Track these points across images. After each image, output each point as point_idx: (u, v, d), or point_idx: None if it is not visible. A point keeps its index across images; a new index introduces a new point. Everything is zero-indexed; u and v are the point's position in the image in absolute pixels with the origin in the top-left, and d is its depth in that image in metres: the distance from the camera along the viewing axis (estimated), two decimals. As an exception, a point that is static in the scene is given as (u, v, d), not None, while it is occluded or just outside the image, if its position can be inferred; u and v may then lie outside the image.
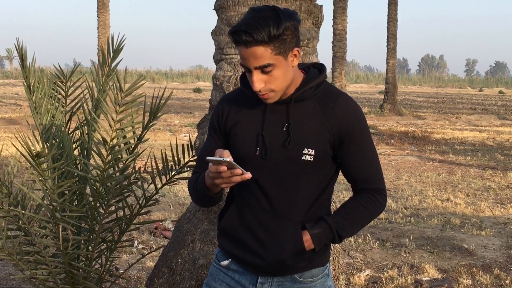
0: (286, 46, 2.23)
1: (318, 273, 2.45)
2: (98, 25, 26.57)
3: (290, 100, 2.33)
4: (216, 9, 4.01)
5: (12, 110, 24.50)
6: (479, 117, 27.03)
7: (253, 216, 2.38)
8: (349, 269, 6.04)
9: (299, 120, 2.32)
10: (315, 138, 2.31)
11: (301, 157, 2.30)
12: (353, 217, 2.39)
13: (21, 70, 3.88)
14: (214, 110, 2.50)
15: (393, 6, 27.25)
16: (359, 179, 2.41)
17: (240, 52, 2.22)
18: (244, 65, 2.24)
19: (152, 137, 16.03)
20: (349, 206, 2.42)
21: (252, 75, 2.23)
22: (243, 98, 2.42)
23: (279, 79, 2.24)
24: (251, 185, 2.35)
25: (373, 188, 2.41)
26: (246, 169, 2.18)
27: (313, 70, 2.41)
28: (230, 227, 2.44)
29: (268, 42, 2.17)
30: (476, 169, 12.58)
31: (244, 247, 2.40)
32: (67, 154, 3.70)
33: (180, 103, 32.37)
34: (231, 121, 2.42)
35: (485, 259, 6.45)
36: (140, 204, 3.84)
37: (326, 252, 2.47)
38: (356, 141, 2.35)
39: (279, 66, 2.23)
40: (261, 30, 2.16)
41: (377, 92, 49.58)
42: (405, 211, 8.69)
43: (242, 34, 2.17)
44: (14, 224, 3.72)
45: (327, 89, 2.39)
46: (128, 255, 6.31)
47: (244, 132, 2.38)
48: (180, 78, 76.47)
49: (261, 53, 2.18)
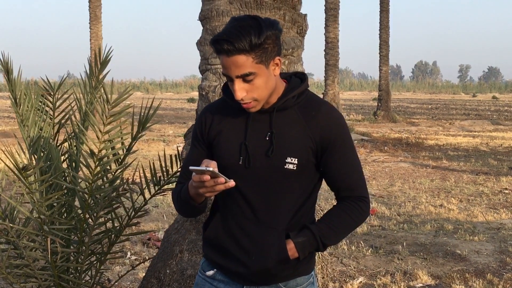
0: (268, 55, 2.24)
1: (303, 281, 2.46)
2: (91, 36, 26.59)
3: (272, 109, 2.34)
4: (200, 20, 4.03)
5: (5, 123, 24.45)
6: (472, 122, 27.09)
7: (237, 224, 2.39)
8: (342, 277, 6.03)
9: (281, 129, 2.33)
10: (298, 147, 2.32)
11: (284, 166, 2.31)
12: (337, 225, 2.39)
13: (6, 83, 3.88)
14: (197, 120, 2.52)
15: (384, 13, 27.34)
16: (342, 187, 2.42)
17: (222, 61, 2.23)
18: (226, 74, 2.25)
19: (145, 147, 16.02)
20: (333, 214, 2.42)
21: (234, 84, 2.24)
22: (226, 108, 2.42)
23: (261, 87, 2.25)
24: (234, 194, 2.36)
25: (357, 195, 2.42)
26: (229, 178, 2.18)
27: (295, 79, 2.42)
28: (215, 236, 2.44)
29: (249, 50, 2.19)
30: (469, 175, 12.60)
31: (229, 256, 2.40)
32: (55, 167, 3.70)
33: (174, 113, 32.34)
34: (214, 130, 2.42)
35: (478, 265, 6.46)
36: (129, 215, 3.84)
37: (311, 260, 2.47)
38: (339, 149, 2.36)
39: (261, 75, 2.24)
40: (242, 38, 2.17)
41: (371, 99, 49.66)
42: (398, 218, 8.69)
43: (224, 43, 2.18)
44: (3, 238, 3.71)
45: (309, 97, 2.40)
46: (121, 267, 6.30)
47: (227, 141, 2.38)
48: (174, 88, 76.48)
49: (243, 62, 2.20)
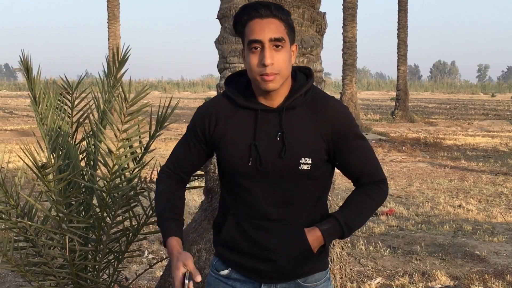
0: (292, 33, 2.29)
1: (320, 277, 2.44)
2: (109, 36, 26.70)
3: (281, 108, 2.29)
4: (219, 18, 4.02)
5: (24, 122, 24.66)
6: (491, 122, 26.89)
7: (251, 225, 2.35)
8: (360, 277, 6.00)
9: (291, 128, 2.29)
10: (311, 146, 2.29)
11: (299, 167, 2.27)
12: (361, 208, 2.42)
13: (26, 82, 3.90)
14: (197, 118, 2.43)
15: (403, 12, 27.20)
16: (363, 175, 2.42)
17: (253, 26, 2.22)
18: (255, 39, 2.21)
19: (163, 146, 16.06)
20: (355, 199, 2.43)
21: (264, 50, 2.20)
22: (229, 108, 2.36)
23: (285, 62, 2.24)
24: (246, 197, 2.34)
25: (377, 180, 2.43)
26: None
27: (300, 75, 2.38)
28: (231, 240, 2.40)
29: (281, 19, 2.24)
30: (488, 175, 12.50)
31: (247, 254, 2.37)
32: (73, 165, 3.71)
33: (191, 112, 32.34)
34: (218, 133, 2.36)
35: (497, 266, 6.39)
36: (147, 213, 3.84)
37: (327, 256, 2.47)
38: (352, 142, 2.35)
39: (286, 49, 2.25)
40: (277, 6, 2.25)
41: (389, 99, 49.42)
42: (416, 218, 8.63)
43: (260, 6, 2.21)
44: (22, 236, 3.73)
45: (315, 93, 2.37)
46: (138, 265, 6.31)
47: (234, 143, 2.33)
48: (191, 88, 76.62)
49: (277, 25, 2.22)
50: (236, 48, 3.88)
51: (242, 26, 2.28)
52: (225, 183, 2.43)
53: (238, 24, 2.29)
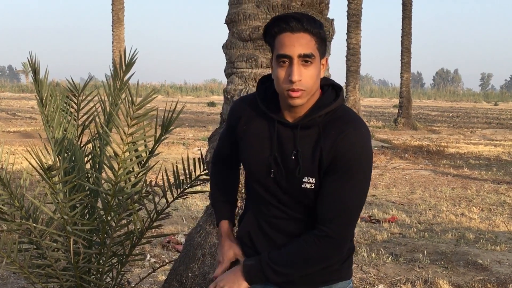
0: (323, 47, 2.24)
1: (344, 286, 2.42)
2: (113, 39, 26.80)
3: (296, 125, 2.26)
4: (227, 23, 4.03)
5: (27, 124, 24.67)
6: (494, 131, 26.87)
7: (267, 223, 2.40)
8: (362, 284, 6.00)
9: (303, 147, 2.26)
10: (314, 167, 2.24)
11: (301, 185, 2.26)
12: (290, 254, 2.28)
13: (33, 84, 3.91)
14: (232, 109, 2.48)
15: (407, 20, 27.23)
16: (319, 215, 2.27)
17: (282, 40, 2.18)
18: (284, 54, 2.17)
19: (165, 150, 16.07)
20: (291, 244, 2.31)
21: (293, 65, 2.16)
22: (256, 107, 2.37)
23: (313, 78, 2.19)
24: (260, 199, 2.38)
25: (325, 231, 2.25)
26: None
27: (329, 93, 2.32)
28: (248, 238, 2.46)
29: (313, 33, 2.18)
30: (491, 184, 12.48)
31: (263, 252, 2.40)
32: (78, 168, 3.71)
33: (194, 117, 32.44)
34: (241, 128, 2.40)
35: (500, 275, 6.38)
36: (151, 218, 3.84)
37: (351, 265, 2.45)
38: (340, 176, 2.23)
39: (316, 65, 2.20)
40: (310, 19, 2.18)
41: (392, 106, 49.44)
42: (419, 226, 8.62)
43: (291, 20, 2.17)
44: (26, 237, 3.73)
45: (339, 114, 2.27)
46: (141, 269, 6.30)
47: (253, 147, 2.36)
48: (194, 92, 76.64)
49: (307, 41, 2.17)
50: (244, 53, 3.89)
51: (272, 38, 2.24)
52: (245, 181, 2.52)
53: (268, 35, 2.25)
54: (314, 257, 2.26)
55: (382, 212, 9.45)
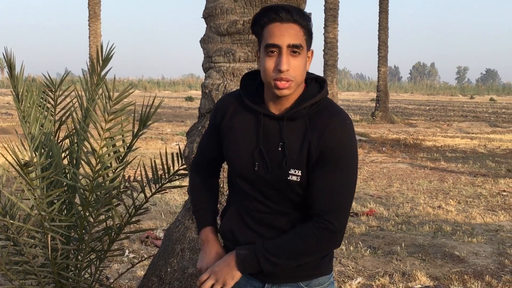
0: (310, 39, 2.26)
1: (324, 281, 2.43)
2: (90, 34, 26.60)
3: (282, 117, 2.27)
4: (204, 17, 4.01)
5: (3, 120, 24.41)
6: (470, 124, 27.11)
7: (250, 217, 2.39)
8: (340, 277, 6.03)
9: (289, 139, 2.27)
10: (302, 160, 2.25)
11: (287, 177, 2.26)
12: (286, 245, 2.29)
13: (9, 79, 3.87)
14: (215, 107, 2.46)
15: (384, 14, 27.37)
16: (313, 207, 2.28)
17: (271, 30, 2.19)
18: (273, 43, 2.18)
19: (143, 145, 16.00)
20: (285, 235, 2.31)
21: (281, 55, 2.17)
22: (241, 102, 2.37)
23: (300, 69, 2.21)
24: (244, 193, 2.38)
25: (322, 223, 2.26)
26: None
27: (313, 86, 2.33)
28: (230, 230, 2.45)
29: (301, 25, 2.20)
30: (467, 176, 12.60)
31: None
32: (56, 163, 3.68)
33: (172, 111, 32.33)
34: (225, 124, 2.39)
35: (477, 266, 6.45)
36: (130, 213, 3.83)
37: (331, 260, 2.47)
38: (330, 168, 2.24)
39: (303, 56, 2.22)
40: (298, 11, 2.21)
41: (369, 100, 49.71)
42: (396, 219, 8.68)
43: (281, 10, 2.18)
44: (3, 234, 3.70)
45: (324, 107, 2.29)
46: (119, 264, 6.28)
47: (237, 143, 2.36)
48: (172, 87, 76.43)
49: (296, 31, 2.19)
50: (221, 47, 3.88)
51: (260, 28, 2.24)
52: (228, 176, 2.52)
53: (257, 25, 2.25)
54: (313, 248, 2.28)
55: (360, 205, 9.50)
